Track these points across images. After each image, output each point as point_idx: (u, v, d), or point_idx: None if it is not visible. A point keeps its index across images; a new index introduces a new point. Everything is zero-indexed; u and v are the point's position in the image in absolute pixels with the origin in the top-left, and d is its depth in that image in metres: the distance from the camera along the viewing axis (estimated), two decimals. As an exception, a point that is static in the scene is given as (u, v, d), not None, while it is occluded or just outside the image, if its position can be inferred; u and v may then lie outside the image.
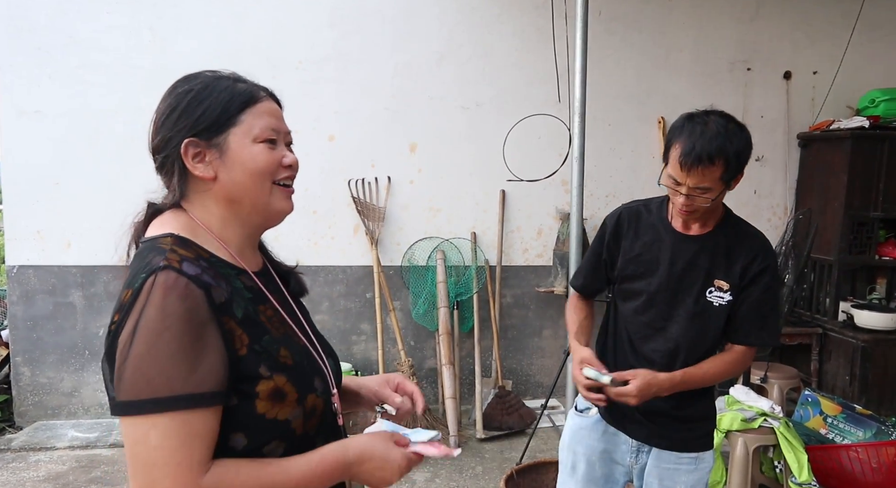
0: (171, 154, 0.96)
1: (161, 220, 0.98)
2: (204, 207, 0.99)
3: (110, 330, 0.86)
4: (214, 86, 0.98)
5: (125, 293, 0.87)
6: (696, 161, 1.50)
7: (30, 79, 3.66)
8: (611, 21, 4.07)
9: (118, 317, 0.86)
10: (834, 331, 3.98)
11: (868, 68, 4.32)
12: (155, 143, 0.98)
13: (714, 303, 1.63)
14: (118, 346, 0.84)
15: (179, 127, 0.95)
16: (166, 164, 0.98)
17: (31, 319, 3.80)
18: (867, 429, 3.16)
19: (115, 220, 3.89)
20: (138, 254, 0.94)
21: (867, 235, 3.99)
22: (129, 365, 0.82)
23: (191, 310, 0.84)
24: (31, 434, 3.67)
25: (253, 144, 0.97)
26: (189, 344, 0.83)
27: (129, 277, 0.89)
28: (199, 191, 0.98)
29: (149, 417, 0.82)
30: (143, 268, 0.87)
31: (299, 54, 3.85)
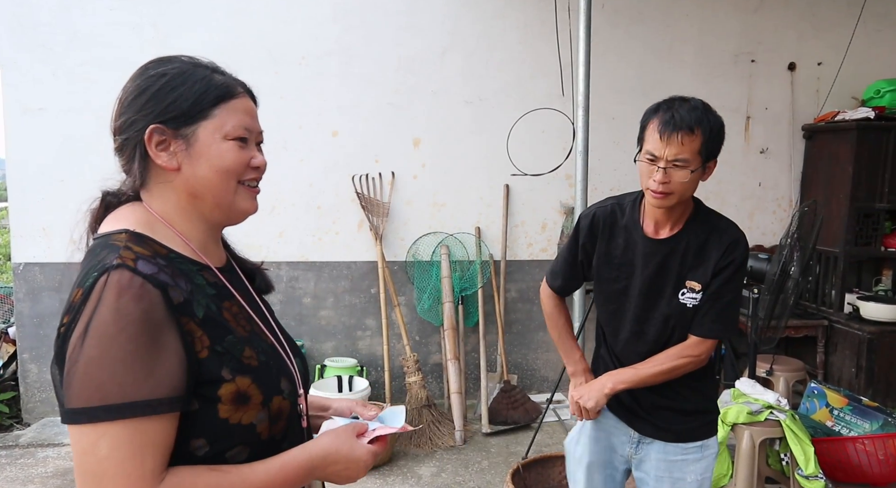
0: (132, 137, 0.91)
1: (116, 215, 0.93)
2: (164, 199, 0.93)
3: (59, 332, 0.81)
4: (190, 73, 0.93)
5: (75, 292, 0.81)
6: (675, 128, 1.51)
7: (33, 76, 3.66)
8: (614, 14, 4.05)
9: (68, 319, 0.80)
10: (840, 323, 3.97)
11: (873, 59, 4.29)
12: (117, 124, 0.92)
13: (687, 304, 1.62)
14: (67, 350, 0.79)
15: (147, 111, 0.90)
16: (126, 148, 0.92)
17: (38, 316, 3.82)
18: (874, 421, 3.16)
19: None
20: (90, 252, 0.89)
21: (873, 227, 3.97)
22: (79, 369, 0.77)
23: (146, 311, 0.79)
24: (38, 430, 3.69)
25: (223, 141, 0.92)
26: (144, 347, 0.78)
27: (80, 276, 0.83)
28: (160, 182, 0.93)
29: (98, 426, 0.77)
30: (95, 267, 0.82)
31: (302, 49, 3.84)
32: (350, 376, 3.76)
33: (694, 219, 1.64)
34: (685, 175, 1.52)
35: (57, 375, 0.82)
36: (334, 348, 4.09)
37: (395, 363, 3.99)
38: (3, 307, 4.43)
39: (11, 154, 3.70)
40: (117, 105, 0.94)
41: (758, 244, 4.37)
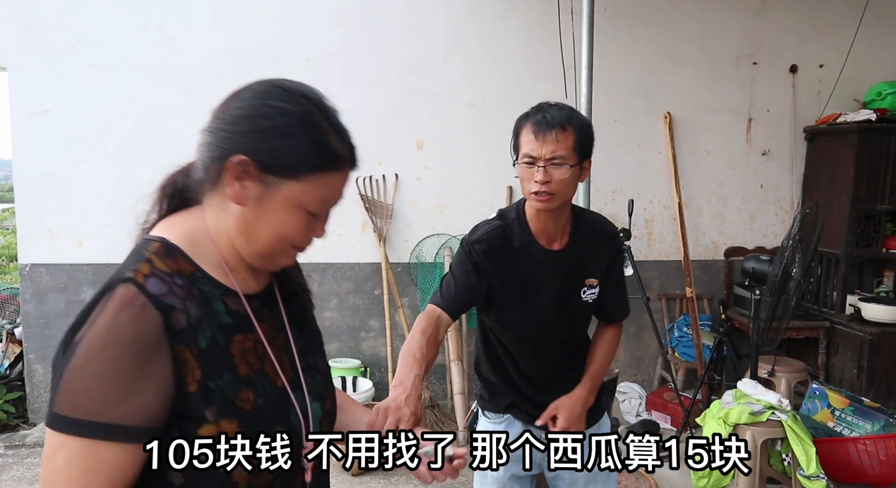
0: (218, 151, 0.85)
1: (173, 219, 0.91)
2: (217, 218, 0.88)
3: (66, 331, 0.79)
4: (310, 125, 0.86)
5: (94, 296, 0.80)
6: (549, 126, 1.54)
7: (40, 78, 3.69)
8: (616, 16, 4.07)
9: (74, 320, 0.78)
10: (841, 325, 3.99)
11: (875, 61, 4.31)
12: (216, 124, 0.87)
13: (589, 301, 1.71)
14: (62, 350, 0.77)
15: (247, 138, 0.84)
16: (208, 152, 0.87)
17: (44, 317, 3.84)
18: (875, 422, 3.17)
19: (126, 218, 3.91)
20: (128, 255, 0.86)
21: (874, 228, 3.99)
22: (63, 375, 0.75)
23: (140, 333, 0.76)
24: (44, 430, 3.71)
25: (296, 208, 0.86)
26: (127, 369, 0.75)
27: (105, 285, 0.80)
28: (219, 203, 0.88)
29: (60, 435, 0.75)
30: (114, 275, 0.80)
31: (306, 52, 3.86)
32: (354, 377, 3.78)
33: (578, 222, 1.69)
34: (564, 172, 1.54)
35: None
36: (338, 349, 4.11)
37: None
38: (9, 308, 4.46)
39: (18, 155, 3.73)
40: (221, 108, 0.87)
41: (759, 246, 4.38)
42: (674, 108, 4.21)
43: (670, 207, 4.26)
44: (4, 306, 4.49)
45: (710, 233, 4.38)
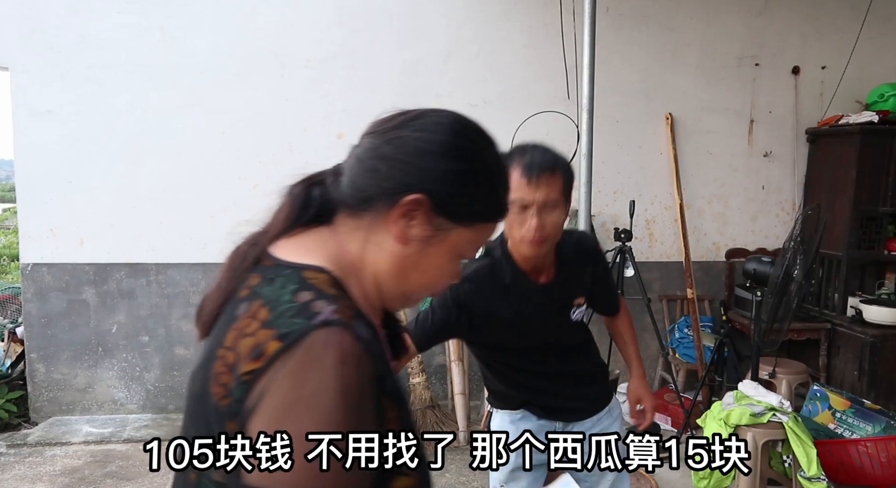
0: (391, 183, 0.76)
1: (307, 241, 0.79)
2: (365, 251, 0.78)
3: (240, 378, 0.66)
4: (496, 174, 0.81)
5: (262, 335, 0.67)
6: (540, 170, 1.49)
7: (42, 79, 3.70)
8: (618, 17, 4.07)
9: (256, 366, 0.65)
10: (842, 327, 3.98)
11: (877, 63, 4.30)
12: (384, 154, 0.77)
13: (577, 318, 1.76)
14: (258, 404, 0.64)
15: (429, 177, 0.76)
16: (375, 173, 0.77)
17: (46, 316, 3.85)
18: (876, 424, 3.16)
19: (127, 218, 3.96)
20: (272, 280, 0.73)
21: (876, 230, 3.98)
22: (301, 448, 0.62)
23: (363, 386, 0.66)
24: (46, 429, 3.72)
25: (457, 255, 0.81)
26: (362, 425, 0.65)
27: (270, 312, 0.69)
28: (375, 237, 0.78)
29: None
30: (296, 311, 0.68)
31: (307, 52, 3.87)
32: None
33: (561, 249, 1.68)
34: (558, 216, 1.53)
35: (218, 422, 0.68)
36: (339, 349, 4.10)
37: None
38: (11, 307, 4.47)
39: (20, 156, 3.74)
40: (401, 130, 0.79)
41: (761, 247, 4.38)
42: (675, 109, 4.21)
43: (671, 208, 4.26)
44: (6, 305, 4.50)
45: (711, 234, 4.37)
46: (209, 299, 0.80)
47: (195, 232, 3.89)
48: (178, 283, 3.93)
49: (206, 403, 0.70)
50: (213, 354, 0.71)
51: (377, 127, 0.81)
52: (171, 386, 3.98)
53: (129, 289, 3.89)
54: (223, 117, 3.84)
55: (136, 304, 3.91)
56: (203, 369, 0.73)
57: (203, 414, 0.71)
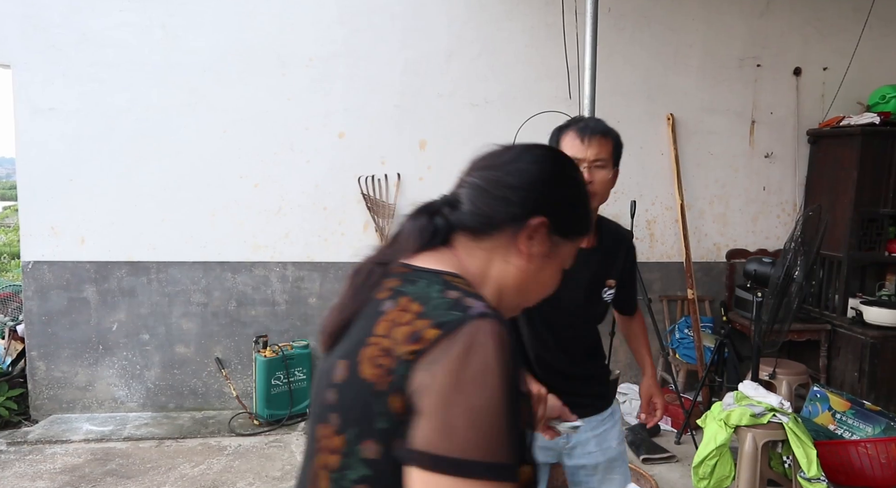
0: (517, 211, 0.88)
1: (429, 258, 0.88)
2: (489, 267, 0.90)
3: (400, 357, 0.74)
4: (586, 197, 0.98)
5: (419, 324, 0.75)
6: (592, 131, 1.71)
7: (44, 77, 3.70)
8: (620, 17, 4.07)
9: (417, 348, 0.73)
10: (843, 328, 3.98)
11: (879, 64, 4.30)
12: (514, 185, 0.90)
13: (607, 300, 1.85)
14: (426, 382, 0.72)
15: (547, 203, 0.90)
16: (504, 206, 0.89)
17: (46, 314, 3.85)
18: (876, 425, 3.17)
19: (128, 216, 3.95)
20: (414, 281, 0.83)
21: (877, 232, 3.98)
22: (460, 415, 0.70)
23: (515, 374, 0.74)
24: (46, 427, 3.72)
25: (561, 266, 0.95)
26: (514, 408, 0.73)
27: (422, 306, 0.78)
28: (496, 252, 0.90)
29: (462, 481, 0.69)
30: (450, 305, 0.77)
31: (309, 51, 3.87)
32: (355, 376, 3.78)
33: (601, 225, 1.85)
34: (606, 174, 1.73)
35: (381, 404, 0.75)
36: (339, 348, 4.11)
37: (400, 363, 4.01)
38: (12, 305, 4.47)
39: (21, 153, 3.74)
40: (517, 162, 0.93)
41: (761, 248, 4.38)
42: (677, 110, 4.21)
43: (672, 209, 4.26)
44: (7, 303, 4.50)
45: (711, 234, 4.38)
46: (335, 314, 0.88)
47: (196, 230, 3.89)
48: (178, 282, 3.93)
49: (358, 387, 0.77)
50: (362, 343, 0.79)
51: (492, 160, 0.94)
52: (172, 385, 3.99)
53: (129, 287, 3.90)
54: (224, 116, 3.84)
55: (137, 303, 3.91)
56: (346, 359, 0.80)
57: (356, 398, 0.77)
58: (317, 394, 0.86)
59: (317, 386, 0.87)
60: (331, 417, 0.80)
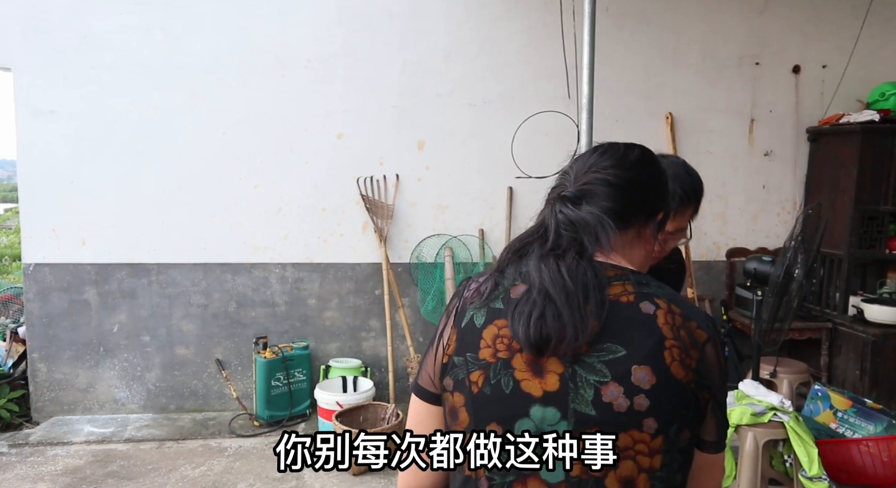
0: (651, 209, 1.01)
1: (617, 252, 0.98)
2: (630, 255, 1.00)
3: (695, 359, 0.86)
4: None
5: (692, 326, 0.88)
6: (678, 204, 1.56)
7: (45, 79, 3.71)
8: (619, 16, 4.07)
9: (698, 351, 0.87)
10: (844, 326, 3.97)
11: (878, 61, 4.29)
12: (648, 186, 1.02)
13: None
14: (715, 382, 0.89)
15: (665, 198, 1.04)
16: (642, 206, 1.00)
17: (47, 316, 3.86)
18: (878, 423, 3.16)
19: (129, 218, 3.96)
20: (646, 284, 0.92)
21: (877, 229, 3.97)
22: (725, 406, 0.92)
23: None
24: (47, 429, 3.73)
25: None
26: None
27: (680, 308, 0.89)
28: (637, 242, 1.01)
29: (722, 454, 0.94)
30: (691, 306, 0.92)
31: (308, 52, 3.88)
32: (354, 377, 3.79)
33: None
34: (676, 240, 1.62)
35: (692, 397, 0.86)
36: (339, 349, 4.11)
37: (399, 364, 4.01)
38: (13, 307, 4.48)
39: (22, 156, 3.75)
40: (651, 167, 1.03)
41: (761, 246, 4.37)
42: (676, 109, 4.21)
43: (672, 208, 4.25)
44: (8, 305, 4.52)
45: (711, 233, 4.37)
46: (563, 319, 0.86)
47: (196, 232, 3.90)
48: (179, 283, 3.94)
49: (675, 387, 0.84)
50: (660, 347, 0.85)
51: (616, 159, 1.00)
52: (172, 386, 3.99)
53: (130, 289, 3.90)
54: (224, 117, 3.85)
55: (138, 304, 3.92)
56: (647, 364, 0.84)
57: (673, 397, 0.84)
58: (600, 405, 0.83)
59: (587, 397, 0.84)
60: (645, 423, 0.83)
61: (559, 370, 0.85)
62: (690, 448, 0.88)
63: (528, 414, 0.85)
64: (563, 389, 0.84)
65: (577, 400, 0.83)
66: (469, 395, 0.90)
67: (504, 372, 0.87)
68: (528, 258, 0.92)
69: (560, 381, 0.84)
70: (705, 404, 0.88)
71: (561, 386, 0.84)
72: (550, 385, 0.85)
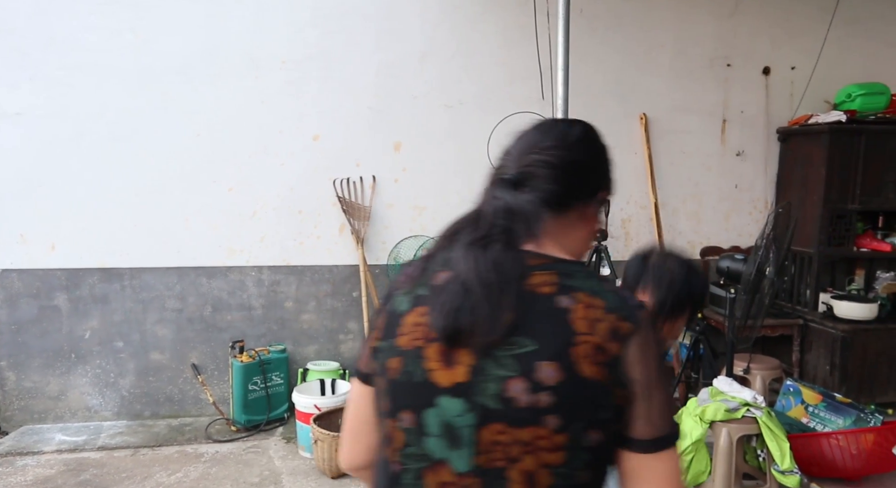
0: (593, 188, 0.99)
1: (547, 240, 0.94)
2: (568, 237, 0.97)
3: (613, 355, 0.82)
4: None
5: (612, 319, 0.84)
6: (668, 314, 1.64)
7: (9, 81, 3.63)
8: (592, 19, 4.11)
9: (619, 345, 0.83)
10: (814, 322, 4.05)
11: (844, 63, 4.39)
12: (590, 165, 0.99)
13: None
14: (635, 373, 0.83)
15: (607, 175, 1.02)
16: (584, 186, 0.97)
17: (16, 323, 3.77)
18: (847, 417, 3.23)
19: (100, 222, 3.88)
20: (570, 275, 0.88)
21: (845, 228, 4.06)
22: (663, 399, 0.86)
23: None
24: (17, 438, 3.64)
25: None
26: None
27: (602, 301, 0.85)
28: (578, 223, 0.98)
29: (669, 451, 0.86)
30: (620, 298, 0.86)
31: (282, 53, 3.84)
32: (333, 379, 3.76)
33: None
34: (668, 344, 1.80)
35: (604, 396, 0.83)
36: (317, 352, 4.09)
37: (378, 366, 4.00)
38: (-20, 314, 4.36)
39: (-12, 159, 3.66)
40: (586, 143, 1.00)
41: (734, 245, 4.44)
42: (649, 110, 4.26)
43: (647, 207, 4.30)
44: (-25, 313, 4.40)
45: (686, 232, 4.43)
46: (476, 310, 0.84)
47: (170, 235, 3.84)
48: (152, 288, 3.88)
49: (582, 385, 0.82)
50: (569, 342, 0.82)
51: (558, 140, 0.97)
52: (147, 392, 3.93)
53: (102, 294, 3.83)
54: (197, 119, 3.80)
55: (110, 310, 3.85)
56: (555, 360, 0.82)
57: (580, 395, 0.82)
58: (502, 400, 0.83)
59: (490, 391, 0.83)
60: (547, 420, 0.81)
61: (469, 362, 0.84)
62: (603, 448, 0.85)
63: (437, 404, 0.85)
64: (470, 381, 0.84)
65: (483, 393, 0.83)
66: (387, 381, 0.91)
67: (417, 361, 0.87)
68: (456, 244, 0.90)
69: (469, 373, 0.84)
70: (623, 402, 0.84)
71: (469, 379, 0.84)
72: (459, 376, 0.84)
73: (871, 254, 4.15)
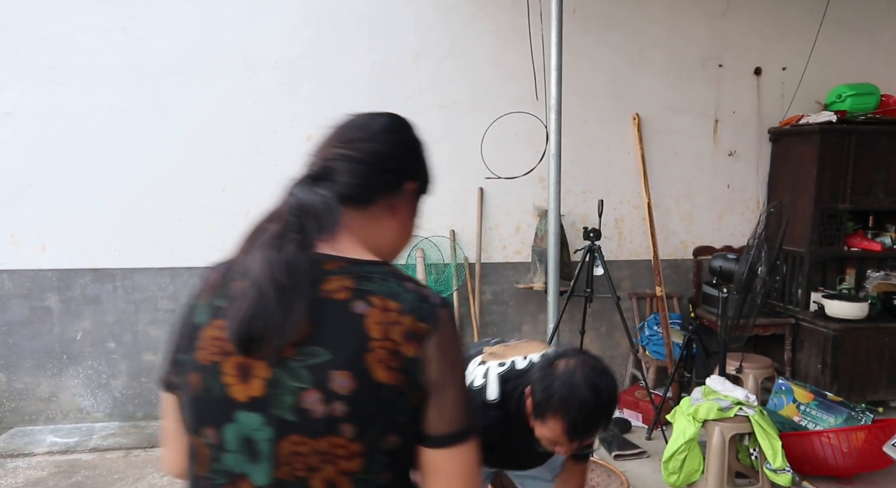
0: (396, 179, 0.96)
1: (346, 239, 0.91)
2: (375, 234, 0.95)
3: (408, 358, 0.82)
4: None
5: (409, 321, 0.83)
6: (584, 436, 1.53)
7: (0, 80, 3.60)
8: (585, 19, 4.12)
9: (417, 346, 0.82)
10: (806, 321, 4.08)
11: (835, 64, 4.42)
12: (390, 154, 0.95)
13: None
14: (431, 375, 0.83)
15: (414, 166, 1.00)
16: (383, 179, 0.94)
17: (7, 325, 3.75)
18: (838, 415, 3.25)
19: (92, 222, 3.86)
20: (367, 278, 0.85)
21: (836, 227, 4.08)
22: (458, 395, 0.86)
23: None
24: (7, 440, 3.62)
25: (417, 220, 1.05)
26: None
27: (399, 303, 0.83)
28: (379, 221, 0.96)
29: (472, 441, 0.87)
30: (419, 298, 0.85)
31: (275, 53, 3.83)
32: (327, 380, 3.76)
33: None
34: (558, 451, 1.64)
35: (401, 399, 0.82)
36: (311, 352, 4.07)
37: (372, 366, 3.99)
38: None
39: (-22, 159, 3.63)
40: (389, 134, 0.97)
41: (727, 244, 4.47)
42: (642, 110, 4.27)
43: (640, 207, 4.32)
44: (-35, 314, 4.36)
45: (678, 232, 4.45)
46: (268, 315, 0.81)
47: (162, 236, 3.83)
48: (145, 288, 3.86)
49: (377, 393, 0.81)
50: (363, 349, 0.81)
51: (360, 132, 0.95)
52: (139, 393, 3.91)
53: (94, 295, 3.81)
54: (190, 119, 3.78)
55: (102, 310, 3.83)
56: (348, 369, 0.80)
57: (375, 403, 0.81)
58: (299, 411, 0.81)
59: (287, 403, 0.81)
60: (343, 429, 0.81)
61: (265, 375, 0.82)
62: (402, 450, 0.85)
63: (235, 419, 0.84)
64: (266, 395, 0.82)
65: (278, 406, 0.81)
66: (189, 396, 0.89)
67: (215, 376, 0.85)
68: (255, 246, 0.87)
69: (264, 387, 0.82)
70: (420, 402, 0.84)
71: (265, 392, 0.82)
72: (255, 390, 0.83)
73: (861, 254, 4.18)
